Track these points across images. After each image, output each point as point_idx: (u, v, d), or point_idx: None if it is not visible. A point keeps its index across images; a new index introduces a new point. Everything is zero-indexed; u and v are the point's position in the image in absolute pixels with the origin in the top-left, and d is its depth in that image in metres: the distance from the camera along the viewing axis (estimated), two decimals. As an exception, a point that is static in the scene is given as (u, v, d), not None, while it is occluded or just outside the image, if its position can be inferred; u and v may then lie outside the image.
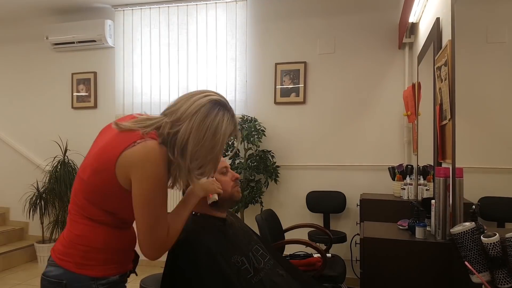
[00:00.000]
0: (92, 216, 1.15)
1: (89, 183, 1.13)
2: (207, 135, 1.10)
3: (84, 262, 1.13)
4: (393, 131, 3.49)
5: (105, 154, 1.11)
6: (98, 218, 1.15)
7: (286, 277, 1.53)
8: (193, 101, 1.13)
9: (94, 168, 1.12)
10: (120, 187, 1.10)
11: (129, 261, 1.26)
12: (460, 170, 1.62)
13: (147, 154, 1.07)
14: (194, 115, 1.10)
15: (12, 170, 4.51)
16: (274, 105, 3.75)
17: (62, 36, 4.11)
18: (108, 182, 1.10)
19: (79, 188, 1.16)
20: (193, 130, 1.09)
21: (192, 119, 1.10)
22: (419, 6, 2.82)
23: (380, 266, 1.72)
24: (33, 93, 4.47)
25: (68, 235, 1.17)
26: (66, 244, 1.16)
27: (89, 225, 1.15)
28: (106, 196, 1.13)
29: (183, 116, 1.11)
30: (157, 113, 4.10)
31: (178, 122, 1.11)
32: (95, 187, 1.12)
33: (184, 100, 1.15)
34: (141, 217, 1.11)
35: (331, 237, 2.88)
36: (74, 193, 1.18)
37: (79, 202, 1.16)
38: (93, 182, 1.12)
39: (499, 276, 1.14)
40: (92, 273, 1.13)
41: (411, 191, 2.88)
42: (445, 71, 1.87)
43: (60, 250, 1.16)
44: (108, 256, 1.16)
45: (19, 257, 4.06)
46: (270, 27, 3.77)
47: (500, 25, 1.42)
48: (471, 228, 1.21)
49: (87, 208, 1.15)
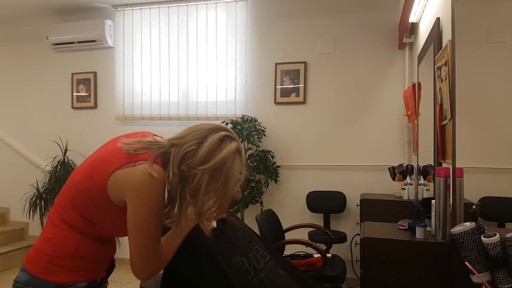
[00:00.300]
0: (71, 221, 1.11)
1: (79, 187, 1.11)
2: (220, 182, 1.08)
3: (50, 267, 1.09)
4: (393, 131, 3.49)
5: (101, 165, 1.09)
6: (78, 225, 1.11)
7: (286, 277, 1.53)
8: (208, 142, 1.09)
9: (88, 175, 1.10)
10: (110, 201, 1.08)
11: (102, 269, 1.20)
12: (461, 170, 1.62)
13: (145, 177, 1.04)
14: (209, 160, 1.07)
15: (12, 170, 4.51)
16: (274, 105, 3.75)
17: (62, 36, 4.11)
18: (97, 192, 1.07)
19: (68, 189, 1.14)
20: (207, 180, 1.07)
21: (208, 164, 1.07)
22: (419, 6, 2.82)
23: (380, 266, 1.72)
24: (33, 93, 4.47)
25: (39, 239, 1.14)
26: (36, 248, 1.13)
27: (63, 230, 1.11)
28: (92, 204, 1.09)
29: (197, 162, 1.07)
30: (157, 113, 4.05)
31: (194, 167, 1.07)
32: (84, 192, 1.09)
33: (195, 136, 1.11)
34: (134, 241, 1.07)
35: (331, 237, 2.88)
36: (61, 194, 1.15)
37: (63, 203, 1.13)
38: (83, 187, 1.10)
39: (499, 276, 1.14)
40: (57, 280, 1.09)
41: (411, 191, 2.88)
42: (445, 71, 1.87)
43: (30, 255, 1.13)
44: (77, 263, 1.11)
45: (19, 257, 4.06)
46: (270, 27, 3.77)
47: (501, 25, 1.42)
48: (472, 228, 1.21)
49: (68, 212, 1.11)
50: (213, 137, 1.10)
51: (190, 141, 1.09)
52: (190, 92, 3.90)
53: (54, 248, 1.10)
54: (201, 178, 1.07)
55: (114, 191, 1.06)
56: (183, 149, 1.08)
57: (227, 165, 1.09)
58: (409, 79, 3.38)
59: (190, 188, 1.08)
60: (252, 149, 3.64)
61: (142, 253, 1.08)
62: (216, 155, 1.07)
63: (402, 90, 3.43)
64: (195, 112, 3.88)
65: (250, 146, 3.60)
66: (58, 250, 1.10)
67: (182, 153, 1.08)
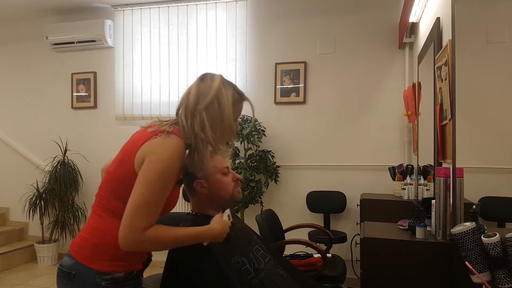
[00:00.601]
0: (114, 208, 1.17)
1: (114, 174, 1.19)
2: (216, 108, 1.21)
3: (93, 255, 1.16)
4: (394, 131, 3.48)
5: (129, 147, 1.18)
6: (120, 212, 1.12)
7: (287, 277, 1.53)
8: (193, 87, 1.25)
9: (119, 159, 1.19)
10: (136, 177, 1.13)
11: (139, 262, 1.26)
12: (461, 170, 1.62)
13: (164, 143, 1.13)
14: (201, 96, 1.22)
15: (12, 170, 4.51)
16: (274, 105, 3.75)
17: (62, 36, 4.11)
18: (131, 172, 1.14)
19: (106, 181, 1.22)
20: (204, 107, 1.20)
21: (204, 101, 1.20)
22: (419, 5, 2.81)
23: (380, 266, 1.72)
24: (33, 93, 4.47)
25: (85, 228, 1.22)
26: (82, 236, 1.21)
27: (107, 219, 1.18)
28: (128, 185, 1.12)
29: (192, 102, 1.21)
30: (156, 113, 4.02)
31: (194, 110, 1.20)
32: (118, 176, 1.17)
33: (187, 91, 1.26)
34: (134, 195, 1.10)
35: (331, 237, 2.88)
36: (100, 187, 1.23)
37: (103, 194, 1.21)
38: (117, 173, 1.18)
39: (499, 276, 1.14)
40: (98, 267, 1.16)
41: (411, 191, 2.88)
42: (446, 71, 1.87)
43: (76, 243, 1.21)
44: (117, 253, 1.15)
45: (19, 258, 4.06)
46: (270, 27, 3.77)
47: (501, 25, 1.42)
48: (472, 228, 1.21)
49: (110, 201, 1.18)
50: (195, 82, 1.26)
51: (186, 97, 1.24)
52: (190, 92, 3.90)
53: (98, 237, 1.17)
54: (202, 115, 1.18)
55: (138, 164, 1.13)
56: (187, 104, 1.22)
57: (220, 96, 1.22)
58: (409, 79, 3.38)
59: (197, 127, 1.18)
60: (252, 149, 3.64)
61: (134, 210, 1.08)
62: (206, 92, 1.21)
63: (402, 90, 3.43)
64: (195, 112, 3.88)
65: (250, 146, 3.60)
66: (101, 239, 1.17)
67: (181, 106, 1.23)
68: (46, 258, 4.03)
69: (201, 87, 1.23)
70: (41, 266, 4.01)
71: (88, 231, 1.20)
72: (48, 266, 4.01)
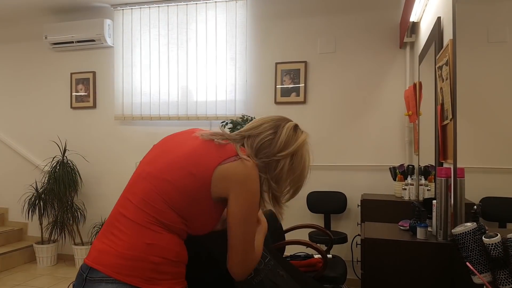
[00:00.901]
0: (170, 222, 1.08)
1: (178, 185, 1.08)
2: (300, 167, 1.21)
3: (154, 276, 1.04)
4: (394, 131, 3.48)
5: (201, 161, 1.10)
6: (175, 225, 1.09)
7: (287, 278, 1.52)
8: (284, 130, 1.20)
9: (188, 171, 1.09)
10: (209, 196, 1.10)
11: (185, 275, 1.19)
12: (462, 170, 1.61)
13: (249, 171, 1.10)
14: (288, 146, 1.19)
15: (11, 170, 4.50)
16: (274, 104, 3.74)
17: (61, 35, 4.10)
18: (200, 187, 1.08)
19: (160, 189, 1.09)
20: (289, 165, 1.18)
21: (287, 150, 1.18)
22: (420, 5, 2.81)
23: (381, 267, 1.71)
24: (32, 93, 4.46)
25: (132, 245, 1.05)
26: (130, 256, 1.04)
27: (162, 233, 1.07)
28: (193, 200, 1.09)
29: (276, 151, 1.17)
30: (156, 113, 4.02)
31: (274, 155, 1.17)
32: (185, 189, 1.08)
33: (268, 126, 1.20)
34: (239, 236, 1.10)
35: (331, 238, 2.87)
36: (147, 195, 1.09)
37: (155, 204, 1.08)
38: (184, 184, 1.08)
39: (500, 276, 1.14)
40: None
41: (412, 192, 2.87)
42: (446, 70, 1.86)
43: (121, 264, 1.03)
44: (178, 269, 1.10)
45: (18, 258, 4.05)
46: (270, 27, 3.76)
47: (502, 25, 1.41)
48: (473, 228, 1.21)
49: (165, 213, 1.07)
50: (288, 126, 1.21)
51: (264, 131, 1.18)
52: (190, 92, 3.90)
53: (158, 254, 1.05)
54: (283, 164, 1.16)
55: (218, 185, 1.09)
56: (260, 139, 1.17)
57: (303, 152, 1.21)
58: (410, 78, 3.37)
59: (273, 174, 1.16)
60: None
61: (247, 249, 1.12)
62: (293, 142, 1.19)
63: (403, 90, 3.42)
64: (194, 112, 3.88)
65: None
66: (162, 256, 1.06)
67: (259, 143, 1.16)
68: (45, 258, 4.02)
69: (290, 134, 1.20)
70: (40, 267, 4.00)
71: (142, 249, 1.04)
72: (47, 267, 4.01)
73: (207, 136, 1.15)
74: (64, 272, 3.85)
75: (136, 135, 4.06)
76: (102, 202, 4.18)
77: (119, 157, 4.09)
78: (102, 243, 1.09)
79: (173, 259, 1.08)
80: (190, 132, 1.21)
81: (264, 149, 1.16)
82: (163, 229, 1.08)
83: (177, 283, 1.09)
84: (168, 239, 1.08)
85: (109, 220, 1.15)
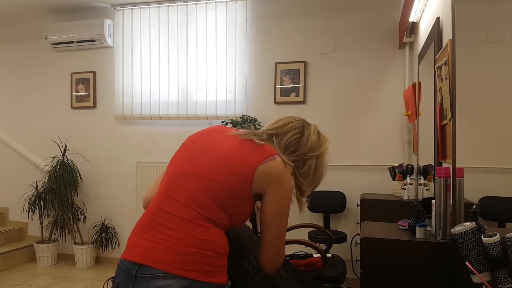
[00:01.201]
0: (217, 219, 1.15)
1: (224, 184, 1.15)
2: (323, 167, 1.34)
3: (211, 269, 1.12)
4: (394, 131, 3.48)
5: (244, 161, 1.17)
6: (221, 222, 1.16)
7: (287, 277, 1.53)
8: (311, 132, 1.32)
9: (233, 171, 1.16)
10: (249, 194, 1.17)
11: None
12: (461, 169, 1.61)
13: (285, 170, 1.19)
14: (318, 148, 1.31)
15: (11, 170, 4.50)
16: (274, 104, 3.74)
17: (61, 35, 4.11)
18: (244, 185, 1.15)
19: (206, 188, 1.15)
20: (314, 165, 1.30)
21: (317, 152, 1.30)
22: (420, 5, 2.81)
23: (380, 266, 1.71)
24: (32, 93, 4.46)
25: (187, 241, 1.10)
26: (188, 251, 1.09)
27: (213, 229, 1.14)
28: (237, 198, 1.16)
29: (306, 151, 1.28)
30: (156, 113, 4.01)
31: (304, 154, 1.27)
32: (230, 187, 1.15)
33: (293, 126, 1.30)
34: (276, 231, 1.19)
35: (331, 237, 2.87)
36: (195, 194, 1.14)
37: (203, 202, 1.14)
38: (230, 183, 1.15)
39: (499, 276, 1.14)
40: (219, 280, 1.13)
41: (411, 191, 2.87)
42: (446, 70, 1.86)
43: (179, 260, 1.08)
44: (226, 262, 1.19)
45: (18, 258, 4.05)
46: (270, 27, 3.76)
47: (501, 25, 1.41)
48: (472, 228, 1.21)
49: (213, 210, 1.14)
50: (313, 128, 1.32)
51: (291, 130, 1.27)
52: (190, 92, 3.90)
53: (213, 249, 1.13)
54: (311, 164, 1.27)
55: (258, 184, 1.16)
56: (287, 138, 1.26)
57: (325, 155, 1.33)
58: (409, 78, 3.37)
59: (302, 171, 1.26)
60: (251, 149, 3.62)
61: (279, 243, 1.21)
62: (319, 146, 1.30)
63: (402, 90, 3.43)
64: (194, 111, 3.88)
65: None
66: (215, 250, 1.14)
67: (287, 142, 1.25)
68: (45, 258, 4.02)
69: (317, 138, 1.32)
70: (41, 266, 4.00)
71: (198, 244, 1.10)
72: (48, 266, 4.01)
73: (246, 135, 1.22)
74: (64, 271, 3.86)
75: (136, 135, 4.06)
76: (102, 202, 4.18)
77: (119, 157, 4.10)
78: (146, 240, 1.12)
79: (223, 252, 1.17)
80: (223, 131, 1.27)
81: (291, 146, 1.25)
82: (212, 225, 1.15)
83: (226, 274, 1.19)
84: (218, 234, 1.16)
85: (148, 217, 1.18)
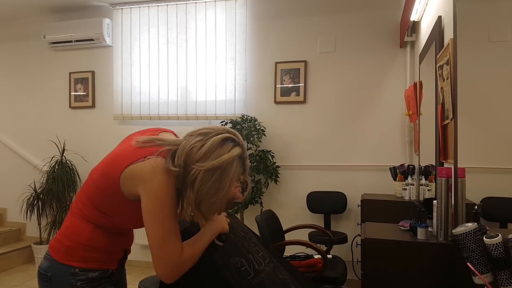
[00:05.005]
0: (89, 215, 1.19)
1: (96, 183, 1.18)
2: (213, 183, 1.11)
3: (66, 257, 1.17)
4: (395, 131, 3.47)
5: (114, 162, 1.16)
6: (94, 218, 1.19)
7: (287, 278, 1.51)
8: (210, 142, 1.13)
9: (103, 172, 1.17)
10: (122, 195, 1.14)
11: (113, 261, 1.25)
12: (462, 170, 1.60)
13: (154, 169, 1.10)
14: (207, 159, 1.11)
15: (9, 170, 4.49)
16: (274, 104, 3.73)
17: (59, 35, 4.09)
18: (111, 187, 1.14)
19: (86, 186, 1.22)
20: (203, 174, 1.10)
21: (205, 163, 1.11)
22: (421, 4, 2.80)
23: (381, 267, 1.70)
24: (30, 92, 4.45)
25: (61, 228, 1.23)
26: (56, 238, 1.22)
27: (80, 221, 1.19)
28: (108, 198, 1.16)
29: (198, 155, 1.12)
30: (155, 113, 4.00)
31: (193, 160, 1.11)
32: (100, 187, 1.17)
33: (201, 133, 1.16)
34: (151, 232, 1.12)
35: (331, 238, 2.86)
36: (81, 189, 1.24)
37: (82, 198, 1.21)
38: (99, 183, 1.17)
39: (501, 277, 1.13)
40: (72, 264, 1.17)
41: (412, 192, 2.86)
42: (447, 70, 1.85)
43: (52, 244, 1.22)
44: (89, 254, 1.18)
45: (16, 259, 4.04)
46: (270, 26, 3.75)
47: (503, 24, 1.40)
48: (474, 228, 1.20)
49: (86, 206, 1.19)
50: (216, 138, 1.14)
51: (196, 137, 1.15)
52: (189, 92, 3.89)
53: (70, 237, 1.18)
54: (198, 174, 1.11)
55: (126, 184, 1.13)
56: (189, 145, 1.13)
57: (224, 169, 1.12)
58: (411, 78, 3.36)
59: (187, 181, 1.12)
60: (252, 149, 3.62)
61: (161, 245, 1.11)
62: (215, 156, 1.11)
63: (403, 89, 3.41)
64: (194, 111, 3.86)
65: (250, 146, 3.58)
66: (73, 239, 1.18)
67: (188, 149, 1.13)
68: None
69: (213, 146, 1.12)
70: (39, 267, 3.99)
71: (62, 231, 1.22)
72: (46, 267, 4.00)
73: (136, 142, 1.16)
74: (63, 272, 3.85)
75: (135, 135, 4.04)
76: (101, 202, 4.17)
77: (118, 157, 4.07)
78: None
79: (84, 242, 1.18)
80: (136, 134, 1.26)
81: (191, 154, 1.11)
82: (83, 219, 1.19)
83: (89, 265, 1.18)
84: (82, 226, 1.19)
85: None
